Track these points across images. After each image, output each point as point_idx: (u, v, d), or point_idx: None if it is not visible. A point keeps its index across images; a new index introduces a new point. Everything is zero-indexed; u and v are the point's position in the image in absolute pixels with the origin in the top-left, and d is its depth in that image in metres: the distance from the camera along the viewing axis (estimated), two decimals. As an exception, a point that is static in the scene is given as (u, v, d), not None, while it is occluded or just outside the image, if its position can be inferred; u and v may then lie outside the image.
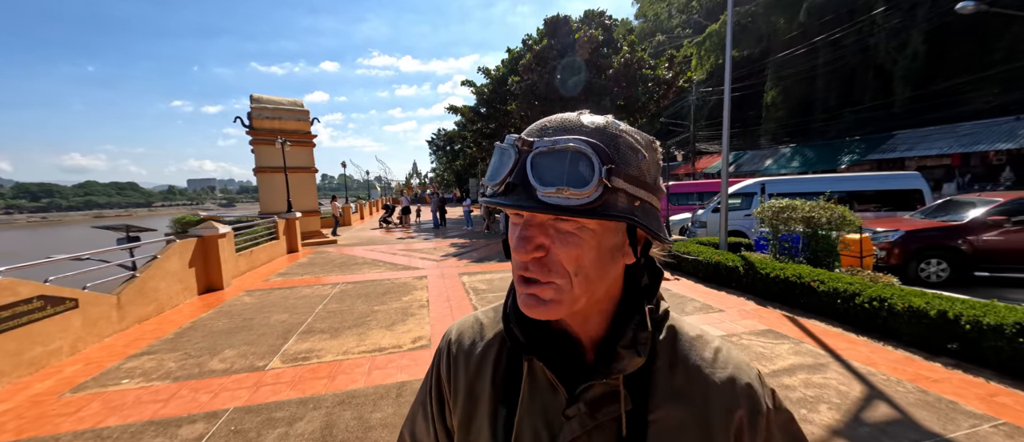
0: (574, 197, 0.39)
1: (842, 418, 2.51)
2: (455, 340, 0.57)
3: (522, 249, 0.42)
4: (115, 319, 4.39)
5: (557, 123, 0.43)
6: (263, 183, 11.62)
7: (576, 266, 0.42)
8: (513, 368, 0.50)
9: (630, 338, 0.45)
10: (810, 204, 6.32)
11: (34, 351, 3.45)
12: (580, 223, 0.42)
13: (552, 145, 0.40)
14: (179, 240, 5.71)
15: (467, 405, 0.52)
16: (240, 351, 3.82)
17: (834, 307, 4.50)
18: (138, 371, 3.46)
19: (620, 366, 0.45)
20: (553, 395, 0.47)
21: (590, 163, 0.39)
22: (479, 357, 0.53)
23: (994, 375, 3.11)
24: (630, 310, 0.47)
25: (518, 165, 0.41)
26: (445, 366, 0.56)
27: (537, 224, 0.42)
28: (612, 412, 0.45)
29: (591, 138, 0.40)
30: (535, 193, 0.40)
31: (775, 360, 3.35)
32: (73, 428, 2.62)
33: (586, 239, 0.42)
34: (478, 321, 0.58)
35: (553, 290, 0.42)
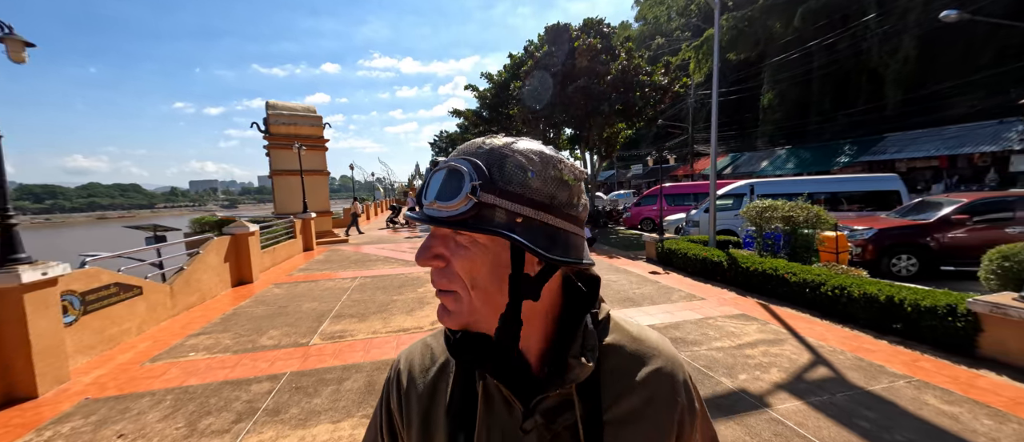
0: (444, 209, 0.42)
1: (787, 377, 3.11)
2: (405, 369, 0.56)
3: (420, 256, 0.45)
4: (169, 305, 5.02)
5: (465, 146, 0.46)
6: (279, 185, 12.27)
7: (471, 278, 0.44)
8: (467, 391, 0.50)
9: (578, 347, 0.46)
10: (790, 204, 6.92)
11: (112, 329, 4.08)
12: (472, 237, 0.44)
13: (444, 164, 0.44)
14: (215, 237, 6.34)
15: (422, 435, 0.51)
16: (283, 331, 4.45)
17: (804, 296, 5.09)
18: (200, 347, 4.08)
19: (572, 375, 0.46)
20: (509, 412, 0.48)
21: (461, 178, 0.42)
22: (432, 383, 0.53)
23: (929, 349, 3.69)
24: (574, 320, 0.49)
25: (425, 182, 0.45)
26: (395, 397, 0.55)
27: (439, 236, 0.46)
28: (568, 419, 0.46)
29: (476, 158, 0.43)
30: (424, 207, 0.44)
31: (742, 336, 3.95)
32: (162, 386, 3.25)
33: (478, 253, 0.44)
34: (427, 346, 0.57)
35: (453, 299, 0.45)
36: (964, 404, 2.70)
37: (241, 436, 2.55)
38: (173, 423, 2.72)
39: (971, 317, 3.64)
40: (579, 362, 0.46)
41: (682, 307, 5.03)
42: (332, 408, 2.86)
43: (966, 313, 3.66)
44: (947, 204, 6.97)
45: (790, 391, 2.92)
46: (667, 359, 0.52)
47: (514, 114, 14.86)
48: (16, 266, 3.04)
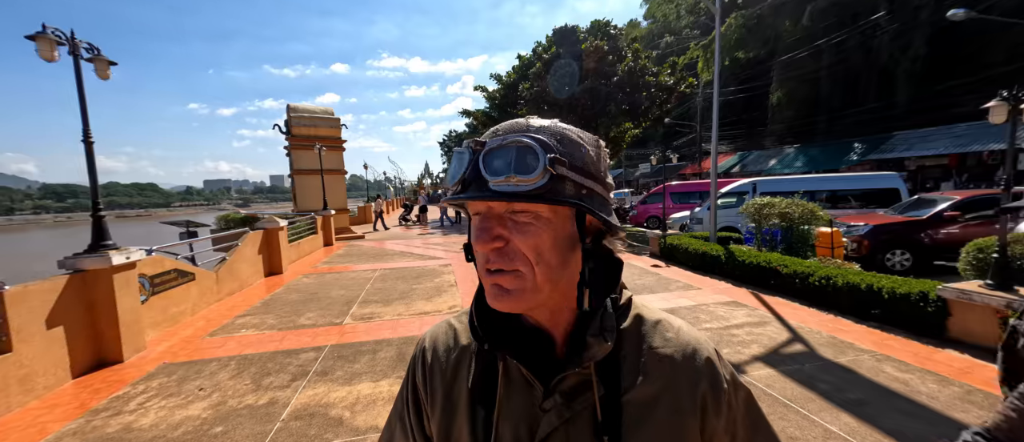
0: (522, 183, 0.42)
1: (765, 352, 3.55)
2: (429, 348, 0.57)
3: (481, 240, 0.44)
4: (215, 291, 5.63)
5: (508, 126, 0.47)
6: (299, 184, 12.95)
7: (536, 254, 0.45)
8: (489, 370, 0.51)
9: (597, 326, 0.47)
10: (787, 201, 7.28)
11: (173, 309, 4.68)
12: (534, 212, 0.45)
13: (502, 142, 0.44)
14: (251, 232, 6.96)
15: (445, 411, 0.52)
16: (318, 313, 5.01)
17: (794, 286, 5.48)
18: (249, 325, 4.67)
19: (590, 354, 0.46)
20: (529, 391, 0.48)
21: (535, 153, 0.43)
22: (454, 362, 0.54)
23: (903, 332, 4.07)
24: (594, 299, 0.49)
25: (473, 164, 0.44)
26: (420, 374, 0.57)
27: (495, 216, 0.45)
28: (587, 400, 0.47)
29: (537, 135, 0.44)
30: (487, 184, 0.43)
31: (730, 319, 4.39)
32: (225, 354, 3.82)
33: (542, 228, 0.45)
34: (451, 327, 0.59)
35: (516, 278, 0.45)
36: (916, 373, 3.11)
37: (299, 390, 3.10)
38: (241, 381, 3.28)
39: (940, 302, 4.02)
40: (597, 341, 0.46)
41: (678, 295, 5.47)
42: (371, 371, 3.39)
43: (936, 299, 4.04)
44: (941, 201, 7.26)
45: (766, 362, 3.36)
46: (687, 342, 0.52)
47: (522, 114, 15.36)
48: (107, 251, 3.64)
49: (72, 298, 3.43)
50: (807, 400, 2.76)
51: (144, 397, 3.06)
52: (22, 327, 3.04)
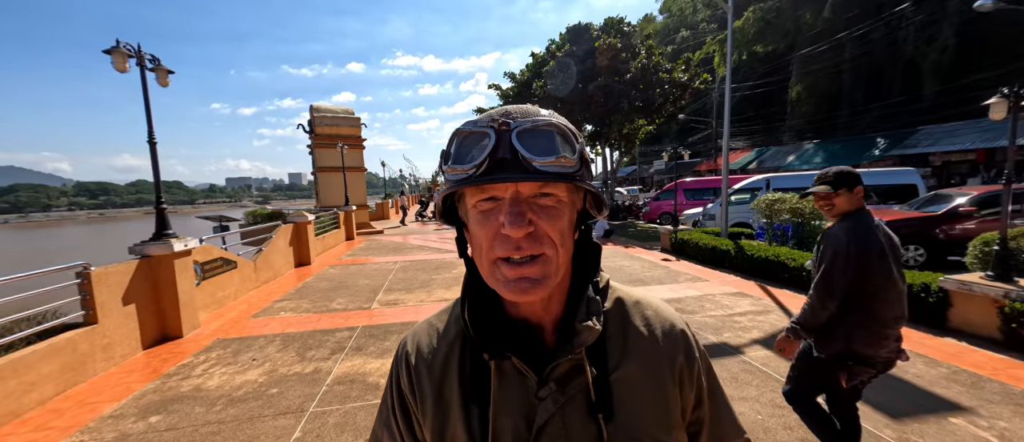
0: (564, 164, 0.43)
1: (764, 336, 3.79)
2: (413, 350, 0.56)
3: (518, 224, 0.42)
4: (253, 279, 6.15)
5: (521, 110, 0.46)
6: (322, 181, 13.56)
7: (560, 237, 0.45)
8: (478, 366, 0.50)
9: (585, 312, 0.49)
10: (797, 197, 7.38)
11: (219, 293, 5.19)
12: (557, 196, 0.45)
13: (535, 124, 0.43)
14: (283, 225, 7.49)
15: (437, 412, 0.52)
16: (348, 299, 5.46)
17: (801, 278, 5.65)
18: (287, 308, 5.14)
19: (581, 340, 0.47)
20: (523, 382, 0.49)
21: (567, 137, 0.44)
22: (442, 361, 0.53)
23: (906, 322, 4.24)
24: (580, 286, 0.51)
25: (502, 143, 0.43)
26: (406, 377, 0.55)
27: (523, 200, 0.44)
28: (580, 383, 0.48)
29: (558, 121, 0.45)
30: (532, 164, 0.42)
31: (734, 308, 4.62)
32: (270, 332, 4.28)
33: (563, 211, 0.45)
34: (432, 326, 0.58)
35: (542, 265, 0.44)
36: (911, 356, 3.31)
37: (338, 361, 3.51)
38: (287, 353, 3.71)
39: (942, 293, 4.18)
40: (586, 326, 0.48)
41: (686, 287, 5.72)
42: (400, 348, 3.79)
43: (937, 290, 4.20)
44: (956, 197, 7.25)
45: (763, 344, 3.61)
46: (665, 318, 0.54)
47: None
48: (169, 239, 4.13)
49: (141, 280, 3.93)
50: (798, 377, 3.01)
51: (206, 365, 3.53)
52: (104, 303, 3.53)
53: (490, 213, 0.44)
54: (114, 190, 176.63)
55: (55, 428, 2.64)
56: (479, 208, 0.45)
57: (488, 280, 0.46)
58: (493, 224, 0.44)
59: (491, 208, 0.45)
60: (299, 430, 2.52)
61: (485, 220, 0.45)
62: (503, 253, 0.44)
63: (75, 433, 2.57)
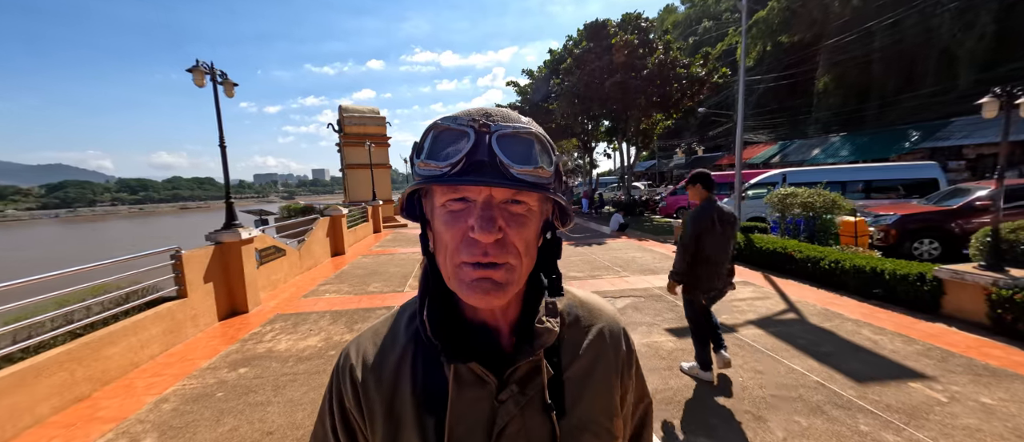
0: (541, 175, 0.43)
1: (759, 318, 4.19)
2: (358, 363, 0.53)
3: (487, 229, 0.42)
4: (298, 266, 6.91)
5: (501, 113, 0.45)
6: (350, 177, 14.43)
7: (524, 246, 0.45)
8: (433, 374, 0.49)
9: (543, 314, 0.50)
10: (809, 191, 7.60)
11: (273, 276, 5.95)
12: (528, 204, 0.45)
13: (516, 130, 0.43)
14: (321, 218, 8.26)
15: (388, 428, 0.50)
16: (382, 284, 6.12)
17: (807, 270, 5.94)
18: (331, 290, 5.85)
19: (541, 341, 0.48)
20: (481, 387, 0.48)
21: (545, 147, 0.44)
22: (392, 373, 0.51)
23: (902, 310, 4.51)
24: (536, 288, 0.52)
25: (480, 145, 0.42)
26: (351, 393, 0.52)
27: (496, 205, 0.43)
28: (537, 384, 0.49)
29: (537, 130, 0.45)
30: (509, 170, 0.41)
31: (736, 295, 5.00)
32: (320, 309, 4.97)
33: (531, 220, 0.46)
34: (377, 334, 0.55)
35: (505, 272, 0.44)
36: (889, 335, 3.66)
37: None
38: (337, 326, 4.37)
39: (936, 282, 4.45)
40: (546, 328, 0.49)
41: (694, 276, 6.10)
42: (432, 323, 4.39)
43: (932, 279, 4.47)
44: (974, 191, 7.29)
45: (756, 325, 4.01)
46: (609, 318, 0.58)
47: (553, 109, 15.99)
48: (237, 228, 4.86)
49: (216, 263, 4.67)
50: (782, 350, 3.43)
51: (272, 334, 4.22)
52: (191, 280, 4.27)
53: (459, 214, 0.44)
54: (152, 186, 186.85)
55: (168, 375, 3.36)
56: (448, 208, 0.44)
57: (450, 282, 0.46)
58: (461, 226, 0.43)
59: (461, 209, 0.44)
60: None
61: (454, 221, 0.44)
62: (469, 258, 0.43)
63: (185, 378, 3.28)
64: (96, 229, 66.81)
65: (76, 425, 2.67)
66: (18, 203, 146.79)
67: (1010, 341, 3.49)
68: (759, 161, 24.19)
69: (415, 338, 0.52)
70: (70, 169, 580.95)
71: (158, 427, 2.62)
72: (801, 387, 2.83)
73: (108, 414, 2.79)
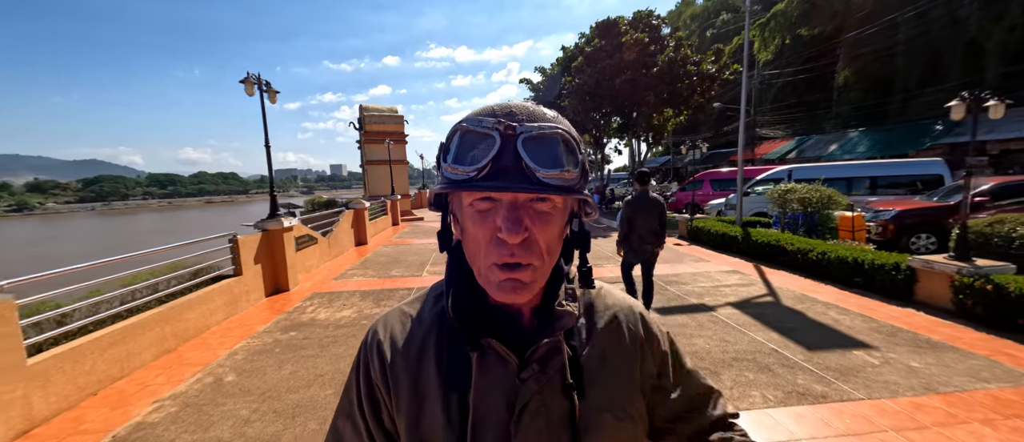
0: (567, 178, 0.43)
1: (738, 300, 4.69)
2: (386, 339, 0.55)
3: (515, 231, 0.43)
4: (328, 253, 7.71)
5: (526, 111, 0.46)
6: (370, 173, 15.29)
7: (548, 246, 0.47)
8: (457, 353, 0.51)
9: (562, 298, 0.53)
10: (807, 187, 7.94)
11: (307, 262, 6.74)
12: (553, 203, 0.46)
13: (541, 131, 0.43)
14: (347, 210, 9.05)
15: (413, 402, 0.52)
16: (403, 269, 6.84)
17: (797, 261, 6.36)
18: (358, 274, 6.60)
19: (562, 323, 0.51)
20: (504, 366, 0.50)
21: (571, 146, 0.45)
22: (418, 351, 0.53)
23: (879, 297, 4.92)
24: (556, 273, 0.53)
25: (506, 149, 0.43)
26: (378, 368, 0.54)
27: (521, 205, 0.45)
28: (557, 364, 0.51)
29: (565, 127, 0.46)
30: (535, 174, 0.42)
31: (723, 281, 5.50)
32: (350, 289, 5.70)
33: (556, 219, 0.47)
34: (404, 314, 0.58)
35: (531, 272, 0.46)
36: (852, 315, 4.12)
37: (404, 308, 4.83)
38: (366, 302, 5.09)
39: (909, 271, 4.85)
40: (566, 311, 0.52)
41: (688, 266, 6.59)
42: (447, 301, 5.06)
43: (906, 268, 4.87)
44: (974, 187, 7.49)
45: (734, 306, 4.52)
46: (625, 304, 0.60)
47: (565, 105, 16.45)
48: (280, 218, 5.63)
49: (263, 247, 5.45)
50: (751, 325, 3.95)
51: (312, 307, 4.96)
52: (244, 261, 5.05)
53: (487, 214, 0.45)
54: (180, 181, 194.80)
55: (233, 335, 4.12)
56: (476, 207, 0.46)
57: (480, 279, 0.48)
58: (490, 225, 0.45)
59: (488, 208, 0.45)
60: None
61: (481, 220, 0.46)
62: (498, 259, 0.45)
63: (247, 338, 4.03)
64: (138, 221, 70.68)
65: (172, 368, 3.43)
66: (58, 197, 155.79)
67: (967, 323, 3.90)
68: (775, 156, 24.02)
69: (440, 318, 0.54)
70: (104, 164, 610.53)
71: (234, 370, 3.36)
72: (757, 353, 3.36)
73: (193, 361, 3.55)
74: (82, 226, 65.09)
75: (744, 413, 2.53)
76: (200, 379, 3.20)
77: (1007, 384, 2.76)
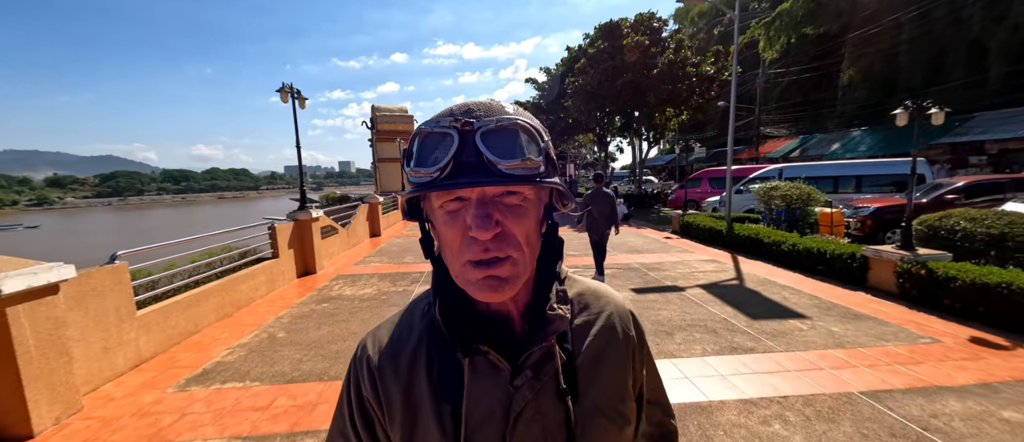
0: (528, 166, 0.43)
1: (707, 283, 5.41)
2: (375, 353, 0.55)
3: (485, 226, 0.43)
4: (347, 242, 8.57)
5: (484, 106, 0.46)
6: (382, 170, 16.19)
7: (525, 237, 0.46)
8: (448, 363, 0.51)
9: (553, 301, 0.52)
10: (789, 185, 8.56)
11: (330, 249, 7.60)
12: (523, 195, 0.46)
13: (499, 123, 0.43)
14: (363, 204, 9.92)
15: (406, 416, 0.51)
16: (414, 257, 7.67)
17: (772, 252, 7.02)
18: (375, 261, 7.44)
19: (553, 327, 0.50)
20: (496, 374, 0.50)
21: (532, 135, 0.45)
22: (408, 362, 0.53)
23: (838, 283, 5.57)
24: (545, 275, 0.53)
25: (466, 145, 0.43)
26: (369, 382, 0.54)
27: (489, 201, 0.44)
28: (550, 370, 0.50)
29: (525, 118, 0.45)
30: (496, 167, 0.42)
31: (697, 268, 6.20)
32: (371, 272, 6.54)
33: (529, 210, 0.47)
34: (392, 326, 0.57)
35: (510, 266, 0.45)
36: (802, 295, 4.81)
37: (417, 286, 5.63)
38: (384, 283, 5.91)
39: (863, 259, 5.50)
40: (557, 314, 0.51)
41: (671, 255, 7.31)
42: (454, 282, 5.87)
43: (860, 257, 5.53)
44: (945, 186, 8.05)
45: (703, 287, 5.24)
46: (617, 305, 0.60)
47: (569, 105, 17.12)
48: (309, 209, 6.48)
49: (295, 234, 6.31)
50: (711, 301, 4.67)
51: (338, 287, 5.80)
52: (280, 245, 5.90)
53: (457, 213, 0.45)
54: (193, 177, 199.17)
55: (276, 306, 4.97)
56: (446, 208, 0.46)
57: (458, 280, 0.47)
58: (460, 225, 0.45)
59: (458, 208, 0.45)
60: (404, 311, 4.63)
61: (452, 220, 0.46)
62: (472, 256, 0.45)
63: (288, 307, 4.87)
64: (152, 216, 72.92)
65: (233, 327, 4.28)
66: (76, 191, 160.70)
67: (904, 303, 4.54)
68: (779, 154, 24.38)
69: (429, 328, 0.54)
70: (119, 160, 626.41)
71: (283, 329, 4.19)
72: (709, 320, 4.09)
73: (248, 323, 4.40)
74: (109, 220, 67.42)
75: (685, 359, 3.28)
76: (257, 335, 4.04)
77: (903, 343, 3.46)
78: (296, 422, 2.55)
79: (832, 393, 2.71)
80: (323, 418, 2.58)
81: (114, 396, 2.94)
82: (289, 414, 2.64)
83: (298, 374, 3.21)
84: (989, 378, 2.83)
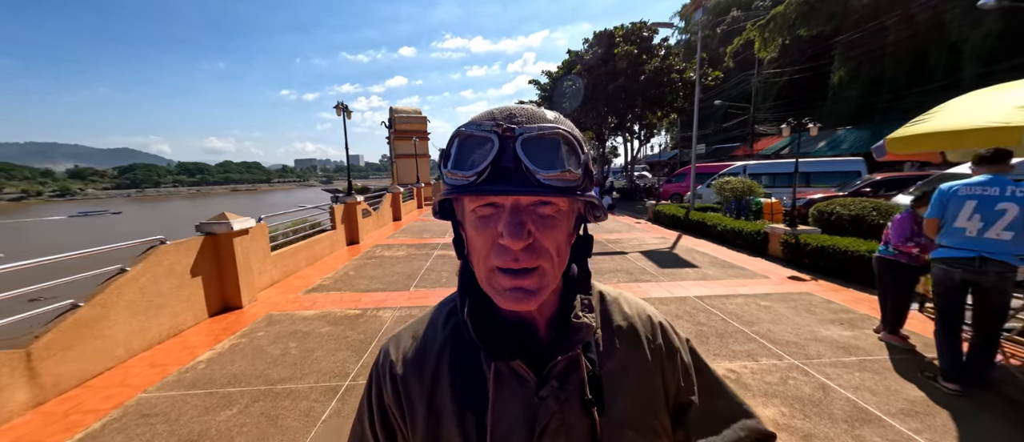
0: (568, 178, 0.43)
1: (648, 250, 7.55)
2: (397, 360, 0.56)
3: (518, 236, 0.43)
4: (377, 223, 10.91)
5: (527, 113, 0.46)
6: (398, 164, 18.55)
7: (556, 248, 0.46)
8: (472, 371, 0.51)
9: (579, 309, 0.52)
10: (737, 180, 10.58)
11: (366, 228, 9.92)
12: (557, 206, 0.46)
13: (541, 132, 0.43)
14: (388, 193, 12.24)
15: (428, 424, 0.52)
16: (431, 234, 9.96)
17: (713, 232, 9.09)
18: (402, 237, 9.75)
19: (580, 336, 0.50)
20: (520, 383, 0.50)
21: (573, 146, 0.45)
22: (432, 370, 0.54)
23: (748, 252, 7.66)
24: (571, 284, 0.54)
25: (505, 151, 0.43)
26: (391, 390, 0.55)
27: (523, 209, 0.44)
28: (575, 379, 0.50)
29: (566, 128, 0.46)
30: (534, 176, 0.42)
31: (645, 241, 8.33)
32: (399, 243, 8.83)
33: (562, 221, 0.47)
34: (415, 333, 0.58)
35: (538, 277, 0.45)
36: (707, 256, 6.92)
37: (429, 260, 7.88)
38: (410, 250, 8.19)
39: (763, 235, 7.58)
40: (584, 323, 0.51)
41: (632, 234, 9.46)
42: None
43: (761, 233, 7.60)
44: (862, 180, 9.99)
45: (641, 252, 7.38)
46: (643, 310, 0.60)
47: (566, 105, 19.19)
48: (354, 195, 8.78)
49: (348, 213, 8.62)
50: (641, 259, 6.81)
51: (379, 251, 8.08)
52: (336, 220, 8.20)
53: (489, 219, 0.45)
54: (207, 170, 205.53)
55: (341, 259, 7.27)
56: (478, 213, 0.46)
57: (484, 286, 0.48)
58: (491, 231, 0.45)
59: (490, 214, 0.45)
60: (428, 266, 6.87)
61: (483, 226, 0.46)
62: (501, 263, 0.45)
63: (346, 262, 7.16)
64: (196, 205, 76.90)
65: (319, 269, 6.58)
66: (96, 183, 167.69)
67: (781, 263, 6.59)
68: (771, 152, 26.02)
69: (453, 335, 0.55)
70: (135, 153, 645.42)
71: (352, 268, 6.48)
72: (632, 269, 6.23)
73: (328, 267, 6.70)
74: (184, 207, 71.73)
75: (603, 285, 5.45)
76: (336, 273, 6.35)
77: (746, 279, 5.57)
78: (368, 308, 4.81)
79: (677, 296, 4.86)
80: (383, 312, 4.83)
81: (270, 296, 5.25)
82: (364, 305, 4.90)
83: (368, 288, 5.49)
84: (772, 291, 4.95)
